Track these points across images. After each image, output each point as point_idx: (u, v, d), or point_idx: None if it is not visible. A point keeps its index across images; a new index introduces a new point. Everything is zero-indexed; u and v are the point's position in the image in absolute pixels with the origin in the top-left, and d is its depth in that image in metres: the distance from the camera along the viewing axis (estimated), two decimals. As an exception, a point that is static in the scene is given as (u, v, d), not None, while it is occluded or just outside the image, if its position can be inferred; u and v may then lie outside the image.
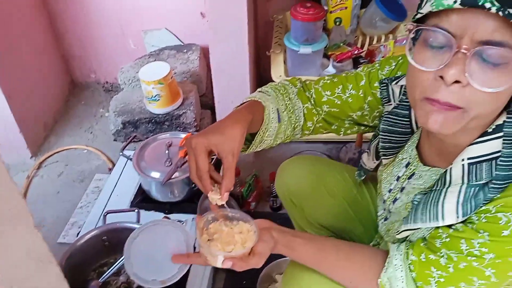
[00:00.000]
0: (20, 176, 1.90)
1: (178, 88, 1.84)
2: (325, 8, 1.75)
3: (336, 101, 0.94)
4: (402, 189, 0.87)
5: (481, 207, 0.68)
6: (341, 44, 1.79)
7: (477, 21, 0.58)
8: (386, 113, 0.88)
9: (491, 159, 0.68)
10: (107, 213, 1.35)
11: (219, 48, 1.60)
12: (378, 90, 0.90)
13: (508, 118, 0.67)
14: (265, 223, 0.86)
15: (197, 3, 1.89)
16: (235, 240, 0.82)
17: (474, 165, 0.69)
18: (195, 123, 1.85)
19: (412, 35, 0.66)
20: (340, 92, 0.93)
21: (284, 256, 1.15)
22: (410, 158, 0.86)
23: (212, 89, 1.77)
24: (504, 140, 0.67)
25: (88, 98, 2.32)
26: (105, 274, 1.23)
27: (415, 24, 0.65)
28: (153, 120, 1.81)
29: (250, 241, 0.81)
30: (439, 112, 0.64)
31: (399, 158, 0.89)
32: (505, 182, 0.66)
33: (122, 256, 1.19)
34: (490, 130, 0.69)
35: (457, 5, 0.57)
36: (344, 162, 1.88)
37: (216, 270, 1.49)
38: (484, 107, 0.63)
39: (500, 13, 0.55)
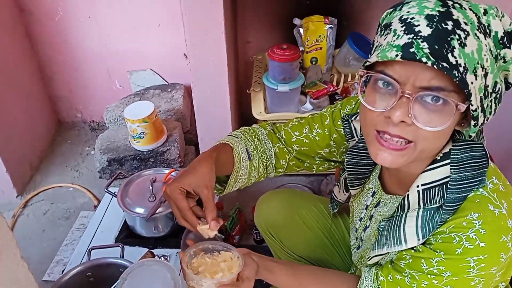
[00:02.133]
0: (6, 215, 1.90)
1: (163, 126, 1.90)
2: (302, 48, 1.86)
3: (304, 140, 1.01)
4: (371, 217, 0.94)
5: (437, 228, 0.74)
6: (318, 82, 1.88)
7: (417, 70, 0.67)
8: (350, 148, 0.95)
9: (442, 184, 0.75)
10: (92, 249, 1.38)
11: (201, 88, 1.68)
12: (342, 127, 0.97)
13: (453, 146, 0.75)
14: (243, 250, 0.91)
15: (180, 44, 1.98)
16: (221, 268, 0.85)
17: (428, 191, 0.76)
18: (179, 159, 1.90)
19: (363, 79, 0.74)
20: (308, 131, 1.01)
21: (268, 286, 1.19)
22: (375, 188, 0.93)
23: (196, 126, 1.83)
24: (451, 166, 0.75)
25: (74, 137, 2.37)
26: (89, 310, 1.24)
27: (364, 70, 0.73)
28: (138, 157, 1.86)
29: (236, 266, 0.85)
30: (386, 152, 0.72)
31: (366, 188, 0.96)
32: (455, 204, 0.73)
33: (117, 282, 1.21)
34: (438, 158, 0.76)
35: (398, 58, 0.65)
36: (325, 194, 1.93)
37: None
38: (429, 142, 0.71)
39: (435, 66, 0.64)
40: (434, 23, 0.65)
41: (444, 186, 0.75)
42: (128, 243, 1.55)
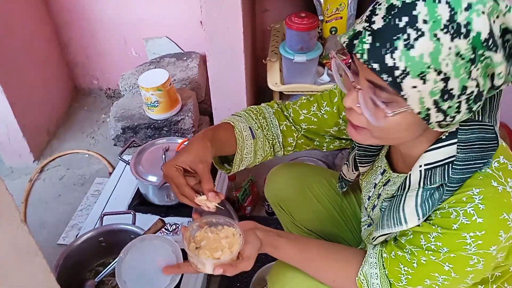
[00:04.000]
0: (22, 179, 1.95)
1: (177, 95, 1.88)
2: (321, 18, 1.79)
3: (312, 119, 0.99)
4: (379, 195, 0.92)
5: (438, 205, 0.72)
6: (336, 53, 1.83)
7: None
8: None
9: (445, 164, 0.72)
10: (104, 215, 1.40)
11: (216, 57, 1.64)
12: None
13: (461, 125, 0.71)
14: (249, 224, 0.90)
15: (197, 12, 1.93)
16: (222, 245, 0.85)
17: (429, 171, 0.74)
18: (193, 129, 1.89)
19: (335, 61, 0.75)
20: (316, 110, 0.98)
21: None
22: (384, 166, 0.91)
23: (210, 96, 1.81)
24: (458, 145, 0.71)
25: (90, 104, 2.38)
26: (100, 274, 1.26)
27: (331, 56, 0.74)
28: (152, 126, 1.85)
29: (237, 244, 0.84)
30: (351, 129, 0.77)
31: (376, 166, 0.94)
32: (458, 184, 0.70)
33: (118, 256, 1.23)
34: (444, 137, 0.73)
35: (344, 45, 0.66)
36: (340, 168, 1.90)
37: (209, 274, 1.53)
38: (381, 132, 0.72)
39: (367, 64, 0.62)
40: (389, 17, 0.61)
41: (447, 166, 0.72)
42: (140, 210, 1.56)
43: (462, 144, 0.71)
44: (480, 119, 0.71)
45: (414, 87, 0.62)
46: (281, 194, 1.19)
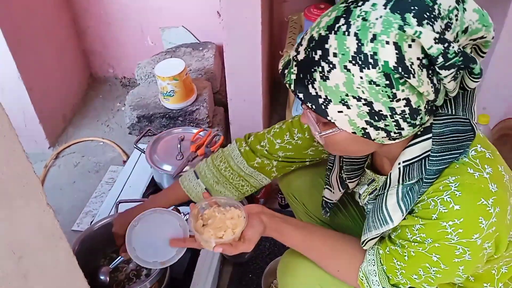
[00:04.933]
0: (38, 165, 1.97)
1: (193, 85, 1.88)
2: (339, 10, 1.78)
3: (287, 147, 1.03)
4: (366, 204, 0.94)
5: (419, 198, 0.73)
6: (354, 46, 1.81)
7: None
8: None
9: (422, 159, 0.73)
10: (119, 203, 1.40)
11: (233, 48, 1.63)
12: None
13: (434, 120, 0.72)
14: (256, 208, 0.92)
15: (214, 2, 1.93)
16: (226, 226, 0.88)
17: (408, 167, 0.74)
18: (208, 119, 1.89)
19: None
20: (289, 138, 1.03)
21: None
22: (369, 177, 0.92)
23: (226, 87, 1.81)
24: (433, 139, 0.71)
25: (106, 92, 2.39)
26: (115, 261, 1.27)
27: None
28: (167, 115, 1.86)
29: (240, 226, 0.87)
30: None
31: (361, 180, 0.95)
32: (436, 175, 0.71)
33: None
34: (419, 133, 0.73)
35: (280, 71, 0.73)
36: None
37: (223, 263, 1.53)
38: (331, 147, 0.78)
39: (295, 93, 0.67)
40: (309, 49, 0.66)
41: (423, 160, 0.72)
42: (154, 199, 1.56)
43: (437, 138, 0.71)
44: (453, 112, 0.72)
45: (340, 111, 0.66)
46: (295, 184, 1.19)
